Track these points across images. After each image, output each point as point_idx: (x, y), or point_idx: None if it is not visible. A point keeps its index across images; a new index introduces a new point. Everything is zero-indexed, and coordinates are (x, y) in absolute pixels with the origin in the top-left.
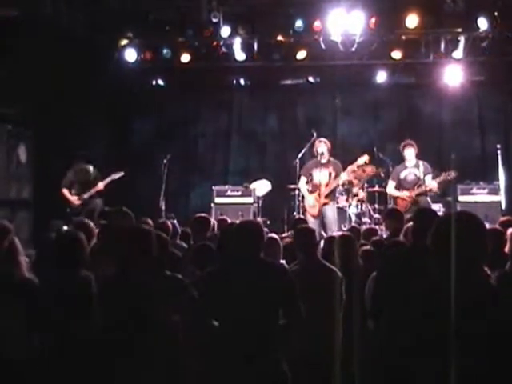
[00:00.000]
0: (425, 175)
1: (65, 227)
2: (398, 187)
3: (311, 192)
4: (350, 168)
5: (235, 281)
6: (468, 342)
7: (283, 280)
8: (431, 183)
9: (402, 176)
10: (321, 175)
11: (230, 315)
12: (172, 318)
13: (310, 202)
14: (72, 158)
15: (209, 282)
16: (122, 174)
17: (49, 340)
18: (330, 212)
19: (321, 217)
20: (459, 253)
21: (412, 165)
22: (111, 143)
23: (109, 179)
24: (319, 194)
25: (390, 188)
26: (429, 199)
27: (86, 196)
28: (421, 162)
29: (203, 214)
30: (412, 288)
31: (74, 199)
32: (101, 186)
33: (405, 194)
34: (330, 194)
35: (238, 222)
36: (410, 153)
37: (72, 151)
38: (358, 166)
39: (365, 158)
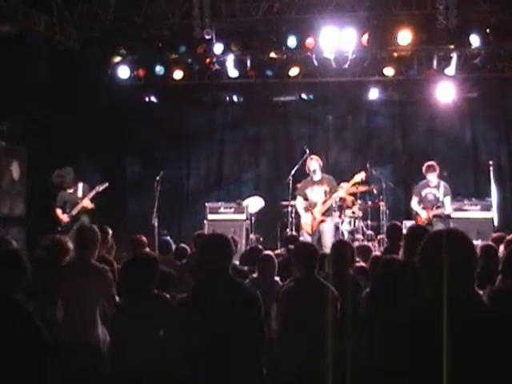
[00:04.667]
0: (444, 197)
1: None
2: (420, 203)
3: (307, 210)
4: (347, 185)
5: (201, 305)
6: (461, 362)
7: (249, 303)
8: (449, 209)
9: (423, 193)
10: (316, 193)
11: (198, 337)
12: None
13: (307, 220)
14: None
15: (180, 306)
16: (106, 185)
17: None
18: (328, 229)
19: (317, 234)
20: (448, 270)
21: (433, 185)
22: (104, 159)
23: (93, 192)
24: (315, 212)
25: (414, 203)
26: (445, 224)
27: (74, 212)
28: (442, 183)
29: (201, 231)
30: (401, 306)
31: (64, 217)
32: (86, 201)
33: (423, 214)
34: (326, 210)
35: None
36: (432, 174)
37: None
38: (355, 183)
39: (362, 175)
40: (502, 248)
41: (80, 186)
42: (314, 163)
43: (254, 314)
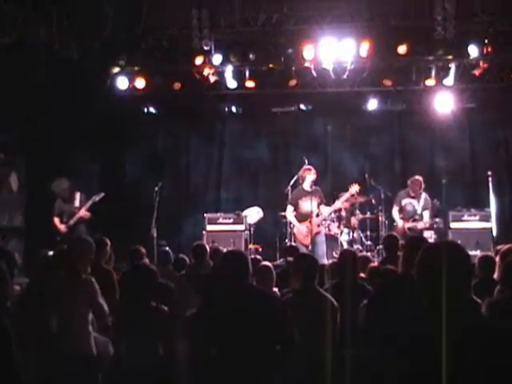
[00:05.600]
0: (423, 210)
1: (50, 252)
2: (400, 212)
3: (301, 221)
4: (342, 198)
5: (224, 310)
6: (460, 370)
7: (273, 307)
8: (424, 224)
9: (402, 203)
10: (308, 204)
11: (222, 344)
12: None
13: (303, 231)
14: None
15: (201, 313)
16: (102, 195)
17: None
18: (321, 240)
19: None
20: (445, 281)
21: (413, 195)
22: (103, 170)
23: (90, 202)
24: (311, 223)
25: (394, 211)
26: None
27: (71, 222)
28: (423, 195)
29: (200, 242)
30: (399, 316)
31: (62, 227)
32: (83, 211)
33: (399, 223)
34: (320, 222)
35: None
36: (414, 191)
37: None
38: (351, 195)
39: (355, 188)
40: (497, 259)
41: (77, 195)
42: (311, 175)
43: (281, 317)
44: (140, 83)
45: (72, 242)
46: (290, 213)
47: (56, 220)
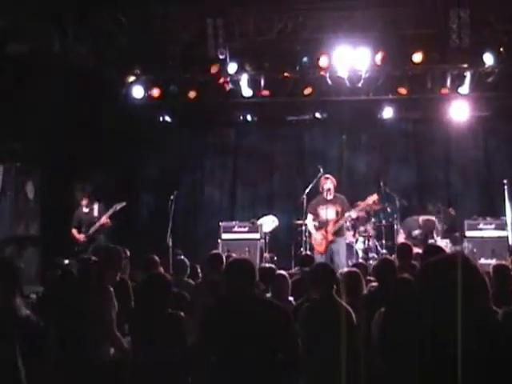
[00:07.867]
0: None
1: (66, 261)
2: (407, 238)
3: (318, 229)
4: (359, 207)
5: (229, 319)
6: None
7: (276, 316)
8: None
9: (413, 234)
10: (328, 212)
11: (226, 353)
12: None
13: (318, 239)
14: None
15: (206, 320)
16: (123, 204)
17: None
18: (339, 248)
19: (328, 253)
20: (461, 291)
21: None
22: (118, 179)
23: (111, 211)
24: (326, 231)
25: (401, 239)
26: None
27: (91, 231)
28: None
29: (216, 251)
30: (415, 326)
31: (81, 237)
32: (104, 219)
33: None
34: (338, 230)
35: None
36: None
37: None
38: (367, 205)
39: (374, 198)
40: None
41: (95, 206)
42: (328, 183)
43: (283, 328)
44: (155, 92)
45: (105, 251)
46: (309, 221)
47: (74, 231)
